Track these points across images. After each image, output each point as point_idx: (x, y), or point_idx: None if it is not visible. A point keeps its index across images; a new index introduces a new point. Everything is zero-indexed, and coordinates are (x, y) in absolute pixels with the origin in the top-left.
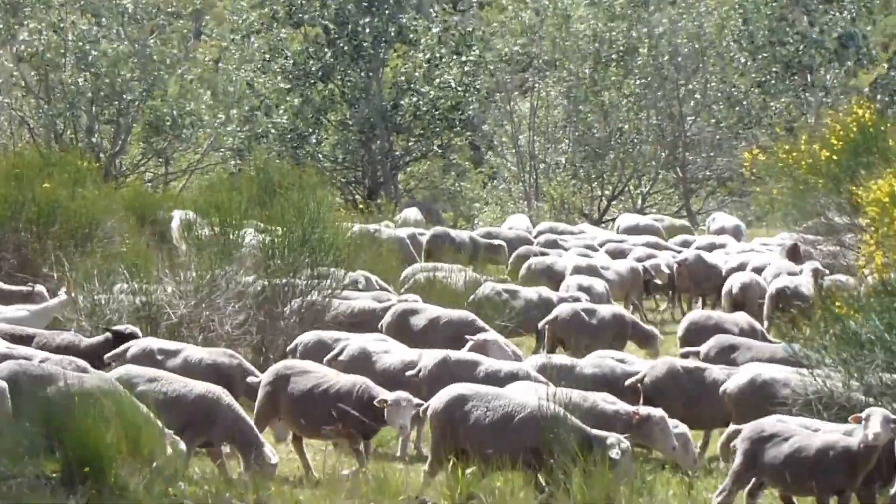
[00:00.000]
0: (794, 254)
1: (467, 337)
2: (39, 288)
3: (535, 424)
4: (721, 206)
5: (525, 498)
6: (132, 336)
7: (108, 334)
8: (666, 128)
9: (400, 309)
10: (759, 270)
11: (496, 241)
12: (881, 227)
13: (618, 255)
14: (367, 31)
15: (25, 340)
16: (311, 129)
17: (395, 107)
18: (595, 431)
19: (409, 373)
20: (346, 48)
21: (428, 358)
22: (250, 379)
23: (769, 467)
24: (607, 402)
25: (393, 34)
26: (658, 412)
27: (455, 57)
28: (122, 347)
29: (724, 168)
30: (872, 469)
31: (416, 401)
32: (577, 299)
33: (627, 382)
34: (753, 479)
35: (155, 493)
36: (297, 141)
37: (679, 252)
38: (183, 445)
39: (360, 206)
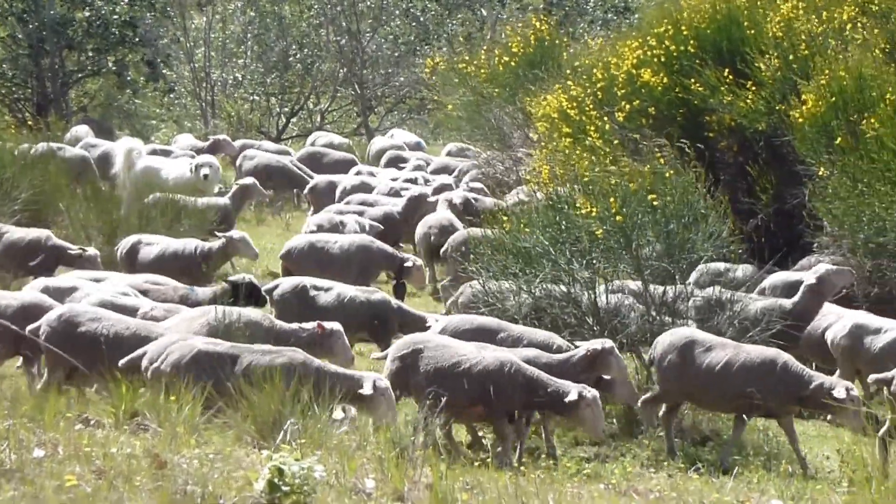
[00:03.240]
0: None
1: None
2: None
3: None
4: (400, 124)
5: (191, 415)
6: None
7: (224, 285)
8: (344, 44)
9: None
10: None
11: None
12: (550, 143)
13: None
14: None
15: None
16: None
17: (66, 22)
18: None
19: None
20: None
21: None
22: None
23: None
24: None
25: None
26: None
27: None
28: (272, 283)
29: (402, 85)
30: None
31: None
32: None
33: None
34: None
35: None
36: None
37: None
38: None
39: (30, 123)
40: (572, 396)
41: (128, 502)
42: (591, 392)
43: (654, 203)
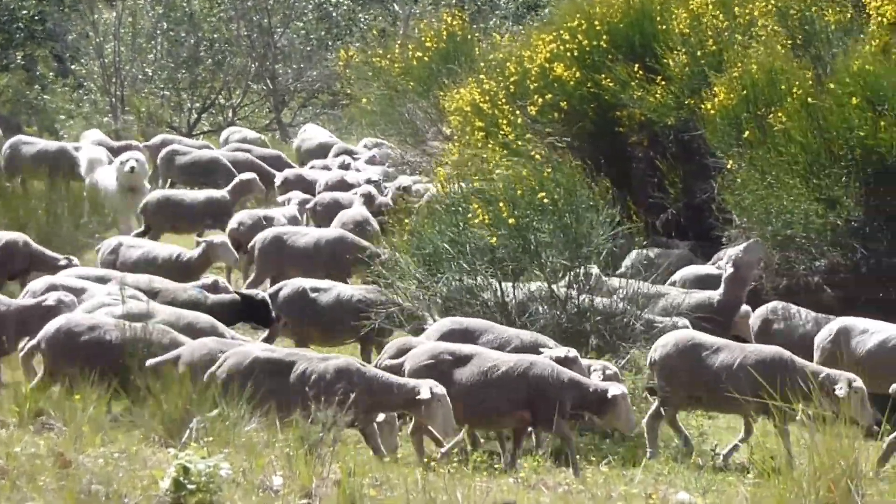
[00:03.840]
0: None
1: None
2: None
3: None
4: (314, 118)
5: (96, 414)
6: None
7: (236, 297)
8: (255, 39)
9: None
10: None
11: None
12: (462, 137)
13: None
14: None
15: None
16: None
17: None
18: None
19: None
20: None
21: None
22: None
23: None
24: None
25: None
26: None
27: None
28: (274, 288)
29: (315, 80)
30: None
31: None
32: None
33: None
34: None
35: None
36: None
37: None
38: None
39: None
40: (614, 391)
41: (31, 502)
42: (623, 387)
43: (545, 201)
